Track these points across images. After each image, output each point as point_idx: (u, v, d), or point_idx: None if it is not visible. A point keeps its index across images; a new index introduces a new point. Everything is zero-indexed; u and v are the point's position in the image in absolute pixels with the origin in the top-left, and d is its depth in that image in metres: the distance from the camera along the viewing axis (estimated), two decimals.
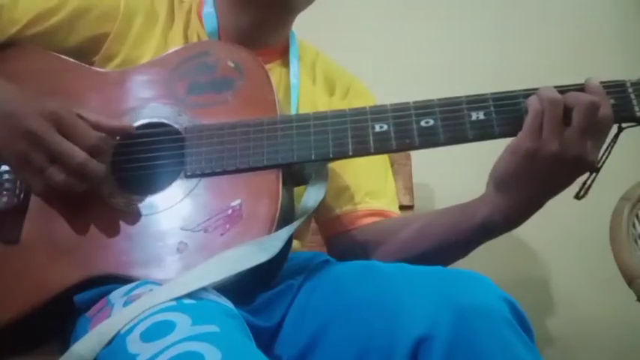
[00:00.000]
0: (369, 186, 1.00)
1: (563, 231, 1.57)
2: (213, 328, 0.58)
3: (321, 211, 0.97)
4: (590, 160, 0.74)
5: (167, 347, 0.55)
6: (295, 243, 0.93)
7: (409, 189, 1.41)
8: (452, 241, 0.86)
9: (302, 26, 1.05)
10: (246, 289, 0.74)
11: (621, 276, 1.15)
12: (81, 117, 0.77)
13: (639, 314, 1.27)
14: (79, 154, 0.74)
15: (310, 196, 0.84)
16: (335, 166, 0.96)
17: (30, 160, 0.75)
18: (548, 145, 0.73)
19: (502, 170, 0.77)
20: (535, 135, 0.73)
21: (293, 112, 0.96)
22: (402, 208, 1.13)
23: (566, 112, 0.73)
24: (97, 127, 0.78)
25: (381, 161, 1.04)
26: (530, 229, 1.56)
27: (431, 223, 0.90)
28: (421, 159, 1.43)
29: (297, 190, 0.86)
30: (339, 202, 0.99)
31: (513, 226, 0.82)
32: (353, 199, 0.99)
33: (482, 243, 0.87)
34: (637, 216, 1.26)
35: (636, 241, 1.23)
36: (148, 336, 0.58)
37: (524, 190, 0.77)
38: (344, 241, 0.98)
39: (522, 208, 0.79)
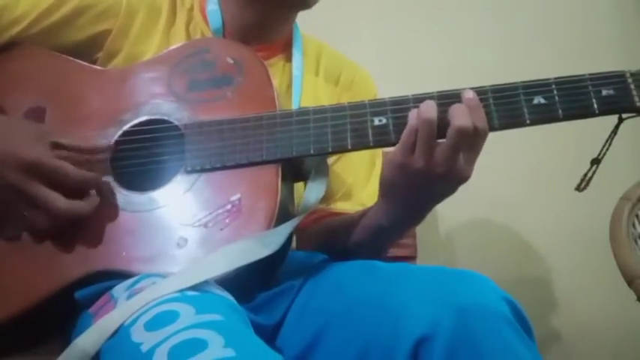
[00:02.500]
0: (346, 187, 1.01)
1: (563, 231, 1.58)
2: (216, 317, 0.58)
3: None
4: (464, 174, 0.75)
5: (171, 335, 0.56)
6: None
7: None
8: (364, 240, 0.88)
9: (302, 24, 1.05)
10: (247, 285, 0.74)
11: (621, 276, 1.15)
12: (60, 146, 0.78)
13: (639, 314, 1.27)
14: (56, 204, 0.74)
15: (311, 192, 0.84)
16: None
17: (12, 207, 0.76)
18: (416, 162, 0.74)
19: (383, 179, 0.80)
20: (407, 151, 0.75)
21: (295, 103, 0.96)
22: None
23: (442, 127, 0.74)
24: (78, 152, 0.79)
25: (367, 160, 1.04)
26: (530, 229, 1.60)
27: (351, 223, 0.91)
28: None
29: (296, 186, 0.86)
30: None
31: (404, 228, 0.87)
32: (327, 200, 0.99)
33: (390, 241, 0.91)
34: (637, 216, 1.26)
35: (636, 241, 1.23)
36: (151, 325, 0.58)
37: (403, 198, 0.80)
38: (300, 237, 0.98)
39: (406, 214, 0.83)
